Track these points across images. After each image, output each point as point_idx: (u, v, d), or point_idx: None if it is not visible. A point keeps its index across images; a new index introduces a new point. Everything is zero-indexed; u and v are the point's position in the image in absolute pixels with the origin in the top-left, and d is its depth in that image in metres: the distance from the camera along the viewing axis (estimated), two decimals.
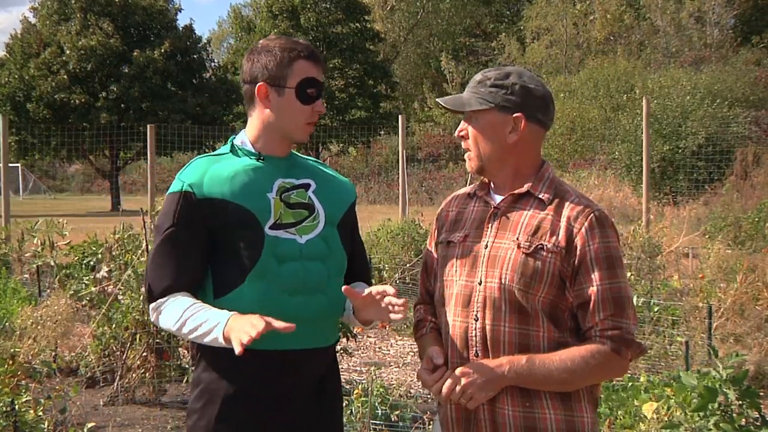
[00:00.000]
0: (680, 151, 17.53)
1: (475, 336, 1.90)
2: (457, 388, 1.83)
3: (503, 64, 36.00)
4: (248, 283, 1.96)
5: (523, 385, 1.85)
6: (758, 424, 2.90)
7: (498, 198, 1.98)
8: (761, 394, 4.87)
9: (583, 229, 1.85)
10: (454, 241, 2.00)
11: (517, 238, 1.89)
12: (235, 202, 1.97)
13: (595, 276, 1.83)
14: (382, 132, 33.38)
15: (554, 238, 1.86)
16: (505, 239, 1.91)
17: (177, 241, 1.98)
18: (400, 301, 1.88)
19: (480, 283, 1.90)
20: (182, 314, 1.93)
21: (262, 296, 1.95)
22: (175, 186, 2.01)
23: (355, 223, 2.23)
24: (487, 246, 1.93)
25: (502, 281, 1.87)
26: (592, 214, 1.87)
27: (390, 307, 1.91)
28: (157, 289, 1.98)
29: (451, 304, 1.95)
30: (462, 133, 2.00)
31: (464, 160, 2.03)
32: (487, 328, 1.88)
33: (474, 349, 1.90)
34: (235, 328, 1.81)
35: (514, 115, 1.91)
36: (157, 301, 1.99)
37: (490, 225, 1.95)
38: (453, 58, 39.29)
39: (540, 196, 1.92)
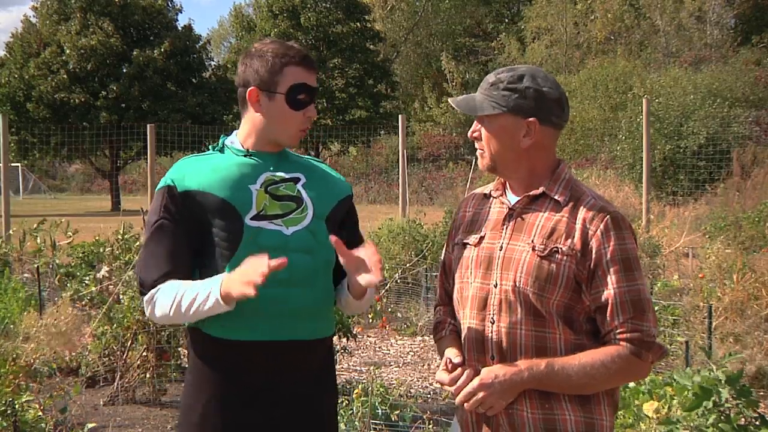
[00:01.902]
0: (681, 150, 17.54)
1: (492, 339, 1.88)
2: (480, 394, 1.82)
3: (503, 64, 35.99)
4: (228, 272, 1.97)
5: (542, 389, 1.83)
6: (758, 423, 2.90)
7: (513, 199, 1.96)
8: (761, 393, 4.88)
9: (598, 232, 1.83)
10: (470, 243, 1.98)
11: (532, 241, 1.86)
12: (213, 193, 2.00)
13: (612, 279, 1.81)
14: (382, 132, 33.41)
15: (569, 240, 1.84)
16: (520, 241, 1.89)
17: (164, 234, 2.02)
18: (375, 261, 1.90)
19: (496, 286, 1.89)
20: (174, 296, 1.95)
21: None
22: (161, 183, 2.07)
23: (351, 221, 2.21)
24: (502, 248, 1.91)
25: (517, 284, 1.85)
26: (608, 216, 1.84)
27: (371, 268, 1.91)
28: (147, 281, 2.01)
29: (467, 306, 1.94)
30: (475, 134, 1.96)
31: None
32: (503, 331, 1.86)
33: (491, 351, 1.88)
34: (235, 280, 1.84)
35: (528, 119, 1.88)
36: (150, 293, 2.02)
37: (505, 226, 1.93)
38: (453, 58, 39.29)
39: (556, 198, 1.89)
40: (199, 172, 2.03)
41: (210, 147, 2.16)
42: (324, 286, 2.06)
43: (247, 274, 1.79)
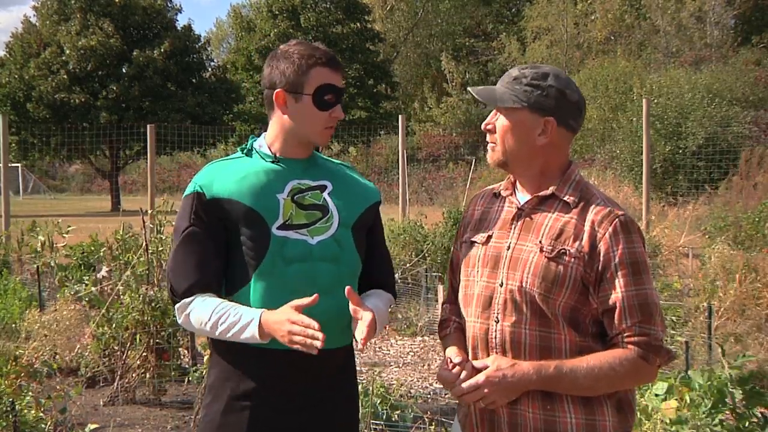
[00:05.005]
0: (680, 151, 17.54)
1: (495, 338, 1.88)
2: (485, 389, 1.82)
3: (503, 64, 35.98)
4: (254, 282, 1.99)
5: (548, 390, 1.83)
6: (761, 423, 2.89)
7: (523, 199, 1.95)
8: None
9: (607, 234, 1.81)
10: (478, 241, 1.97)
11: (540, 242, 1.85)
12: (242, 202, 2.00)
13: (620, 282, 1.80)
14: (382, 132, 33.38)
15: (578, 242, 1.83)
16: (528, 242, 1.88)
17: (195, 240, 2.02)
18: (363, 334, 1.87)
19: (501, 285, 1.88)
20: (211, 315, 1.97)
21: (267, 296, 1.97)
22: (189, 188, 2.07)
23: (377, 228, 2.22)
24: (509, 247, 1.90)
25: (523, 285, 1.84)
26: (617, 219, 1.83)
27: (358, 332, 1.90)
28: (179, 289, 2.02)
29: (472, 304, 1.94)
30: (489, 127, 1.95)
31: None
32: (507, 330, 1.86)
33: (494, 350, 1.88)
34: (277, 328, 1.86)
35: (546, 118, 1.87)
36: (182, 302, 2.02)
37: (513, 226, 1.92)
38: (453, 58, 39.26)
39: (565, 199, 1.88)
40: (226, 179, 2.03)
41: (238, 149, 2.16)
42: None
43: (304, 333, 1.80)
